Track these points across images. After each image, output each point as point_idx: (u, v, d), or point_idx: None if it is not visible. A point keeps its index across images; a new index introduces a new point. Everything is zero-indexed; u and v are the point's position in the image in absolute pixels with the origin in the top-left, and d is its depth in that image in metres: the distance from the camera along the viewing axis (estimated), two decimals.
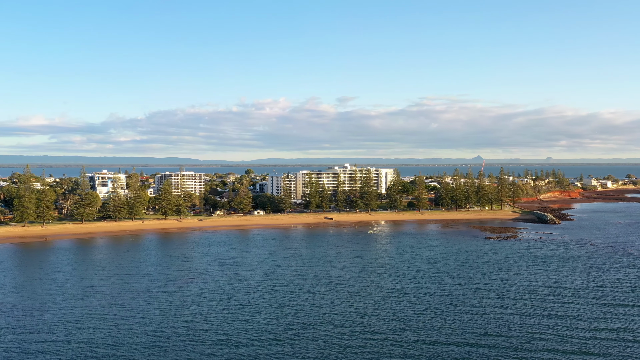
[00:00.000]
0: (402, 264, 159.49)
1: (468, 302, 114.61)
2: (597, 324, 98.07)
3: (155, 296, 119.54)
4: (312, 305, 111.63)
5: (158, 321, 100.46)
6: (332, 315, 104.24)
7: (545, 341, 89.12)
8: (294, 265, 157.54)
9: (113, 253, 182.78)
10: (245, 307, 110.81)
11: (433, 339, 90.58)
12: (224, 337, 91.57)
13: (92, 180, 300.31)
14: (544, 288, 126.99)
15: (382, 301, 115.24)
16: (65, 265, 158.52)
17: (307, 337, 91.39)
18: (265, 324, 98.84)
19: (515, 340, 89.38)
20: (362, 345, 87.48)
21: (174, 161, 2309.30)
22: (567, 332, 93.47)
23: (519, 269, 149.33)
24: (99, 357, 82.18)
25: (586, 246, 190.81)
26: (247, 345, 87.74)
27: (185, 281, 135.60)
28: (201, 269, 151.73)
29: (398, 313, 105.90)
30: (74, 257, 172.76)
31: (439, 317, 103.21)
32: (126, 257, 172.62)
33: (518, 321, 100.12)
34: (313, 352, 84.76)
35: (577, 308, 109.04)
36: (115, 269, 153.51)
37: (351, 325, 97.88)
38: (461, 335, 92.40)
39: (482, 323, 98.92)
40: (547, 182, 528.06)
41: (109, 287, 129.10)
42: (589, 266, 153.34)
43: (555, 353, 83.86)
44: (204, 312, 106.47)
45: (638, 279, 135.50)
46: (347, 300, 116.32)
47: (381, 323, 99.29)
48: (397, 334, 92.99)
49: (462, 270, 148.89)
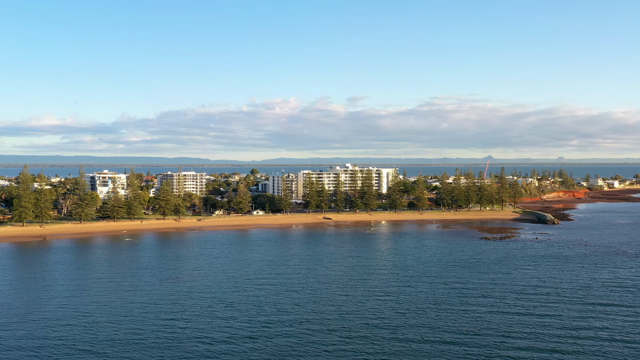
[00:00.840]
0: (393, 264, 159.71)
1: (451, 301, 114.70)
2: (575, 323, 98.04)
3: (140, 295, 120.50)
4: (294, 305, 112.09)
5: (138, 320, 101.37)
6: (312, 314, 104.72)
7: (520, 340, 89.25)
8: (284, 265, 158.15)
9: (106, 253, 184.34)
10: (228, 306, 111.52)
11: (408, 337, 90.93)
12: (201, 334, 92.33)
13: (93, 180, 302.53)
14: (530, 288, 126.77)
15: (365, 301, 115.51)
16: (56, 265, 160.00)
17: (283, 335, 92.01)
18: (244, 322, 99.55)
19: (490, 339, 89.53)
20: (336, 343, 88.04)
21: (185, 161, 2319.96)
22: (544, 331, 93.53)
23: (508, 269, 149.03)
24: (75, 354, 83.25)
25: (581, 246, 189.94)
26: (222, 342, 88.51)
27: (173, 280, 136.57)
28: (191, 269, 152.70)
29: (378, 312, 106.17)
30: (67, 257, 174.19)
31: (419, 316, 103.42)
32: (119, 257, 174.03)
33: (497, 320, 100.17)
34: (286, 349, 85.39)
35: (558, 307, 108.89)
36: (105, 268, 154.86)
37: (329, 324, 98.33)
38: (437, 333, 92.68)
39: (461, 322, 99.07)
40: (551, 182, 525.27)
41: (96, 286, 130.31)
42: (580, 266, 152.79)
43: (528, 351, 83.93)
44: (186, 311, 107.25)
45: (626, 279, 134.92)
46: (330, 299, 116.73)
47: (360, 322, 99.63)
48: (373, 333, 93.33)
49: (451, 270, 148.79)
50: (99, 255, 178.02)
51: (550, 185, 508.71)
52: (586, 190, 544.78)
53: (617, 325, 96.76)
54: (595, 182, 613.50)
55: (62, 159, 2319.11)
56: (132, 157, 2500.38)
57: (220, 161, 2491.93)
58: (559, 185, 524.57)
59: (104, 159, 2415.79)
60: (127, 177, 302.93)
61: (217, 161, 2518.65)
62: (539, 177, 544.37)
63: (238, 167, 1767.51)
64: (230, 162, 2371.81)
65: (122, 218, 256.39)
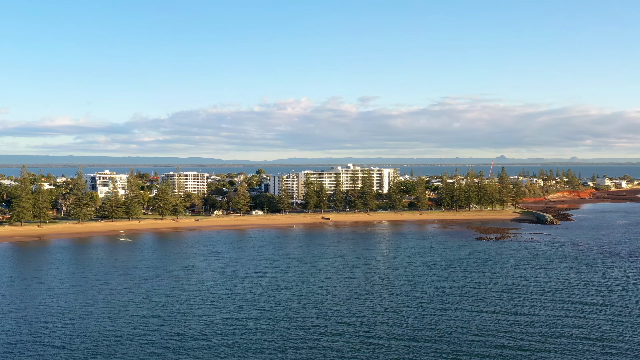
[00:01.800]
0: (382, 264, 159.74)
1: (432, 301, 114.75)
2: (551, 322, 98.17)
3: (123, 294, 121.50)
4: (274, 304, 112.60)
5: (116, 317, 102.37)
6: (289, 313, 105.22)
7: (492, 338, 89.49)
8: (273, 264, 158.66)
9: (99, 252, 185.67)
10: (208, 304, 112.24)
11: (380, 335, 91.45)
12: (175, 332, 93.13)
13: (94, 180, 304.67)
14: (514, 287, 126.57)
15: (346, 300, 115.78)
16: (47, 264, 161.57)
17: (258, 333, 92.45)
18: (221, 321, 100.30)
19: (462, 337, 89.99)
20: (307, 341, 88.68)
21: (197, 161, 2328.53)
22: (517, 330, 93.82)
23: (497, 269, 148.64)
24: (46, 349, 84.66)
25: (575, 247, 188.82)
26: (195, 339, 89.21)
27: (159, 280, 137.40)
28: (179, 268, 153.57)
29: (356, 311, 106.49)
30: (59, 256, 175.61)
31: (397, 315, 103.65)
32: (110, 256, 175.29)
33: (473, 319, 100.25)
34: (257, 346, 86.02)
35: (538, 307, 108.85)
36: (95, 267, 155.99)
37: (304, 322, 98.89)
38: (410, 332, 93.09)
39: (437, 321, 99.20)
40: (556, 182, 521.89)
41: (81, 285, 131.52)
42: (569, 266, 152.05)
43: (497, 349, 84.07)
44: (166, 310, 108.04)
45: (612, 279, 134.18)
46: (311, 298, 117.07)
47: (336, 320, 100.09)
48: (347, 331, 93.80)
49: (439, 270, 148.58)
50: (91, 255, 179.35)
51: (554, 186, 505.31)
52: (592, 191, 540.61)
53: (593, 324, 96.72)
54: (603, 182, 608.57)
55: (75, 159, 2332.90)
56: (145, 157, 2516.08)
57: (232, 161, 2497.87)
58: (565, 185, 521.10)
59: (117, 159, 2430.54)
60: (128, 177, 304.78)
61: (229, 161, 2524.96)
62: (544, 177, 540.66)
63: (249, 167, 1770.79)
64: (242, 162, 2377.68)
65: (120, 218, 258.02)
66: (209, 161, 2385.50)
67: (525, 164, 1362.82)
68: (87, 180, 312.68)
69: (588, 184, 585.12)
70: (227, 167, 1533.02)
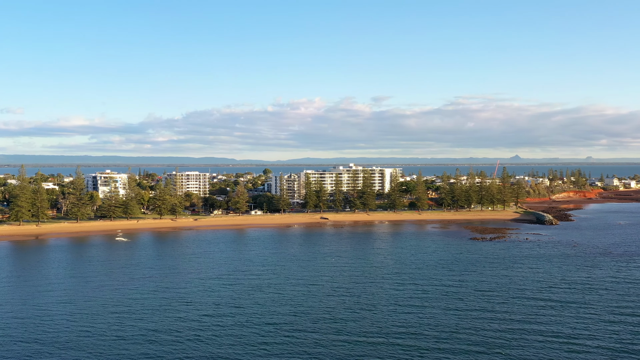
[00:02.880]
0: (369, 263, 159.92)
1: (411, 299, 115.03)
2: (524, 320, 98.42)
3: (104, 293, 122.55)
4: (253, 303, 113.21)
5: (93, 315, 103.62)
6: (265, 311, 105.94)
7: (461, 336, 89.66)
8: (261, 264, 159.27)
9: (91, 251, 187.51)
10: (188, 304, 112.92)
11: (352, 334, 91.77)
12: (149, 332, 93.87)
13: (95, 180, 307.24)
14: (497, 287, 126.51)
15: (325, 299, 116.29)
16: (37, 263, 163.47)
17: (230, 334, 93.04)
18: (196, 317, 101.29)
19: (432, 334, 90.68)
20: (276, 338, 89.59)
21: (211, 161, 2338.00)
22: (489, 327, 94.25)
23: (484, 269, 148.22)
24: (18, 345, 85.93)
25: (568, 247, 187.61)
26: (166, 337, 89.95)
27: (144, 278, 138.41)
28: (166, 267, 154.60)
29: (332, 310, 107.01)
30: (52, 255, 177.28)
31: (371, 313, 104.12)
32: (101, 255, 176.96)
33: (447, 317, 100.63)
34: (226, 342, 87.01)
35: (515, 305, 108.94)
36: (83, 266, 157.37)
37: (278, 321, 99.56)
38: (381, 330, 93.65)
39: (410, 319, 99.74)
40: (562, 182, 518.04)
41: (65, 284, 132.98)
42: (557, 267, 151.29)
43: (465, 345, 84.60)
44: (144, 308, 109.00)
45: (597, 279, 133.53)
46: (291, 297, 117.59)
47: (309, 318, 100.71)
48: (319, 329, 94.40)
49: (426, 269, 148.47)
50: (82, 254, 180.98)
51: (560, 186, 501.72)
52: (600, 191, 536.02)
53: (565, 322, 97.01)
54: (611, 182, 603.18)
55: (90, 159, 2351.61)
56: (159, 157, 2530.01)
57: (245, 161, 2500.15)
58: (571, 186, 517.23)
59: (131, 159, 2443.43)
60: (129, 176, 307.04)
61: (243, 161, 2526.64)
62: (550, 177, 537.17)
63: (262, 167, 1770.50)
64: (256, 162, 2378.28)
65: (118, 217, 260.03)
66: (223, 161, 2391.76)
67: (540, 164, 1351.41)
68: (89, 180, 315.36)
69: (596, 184, 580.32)
70: (240, 167, 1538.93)
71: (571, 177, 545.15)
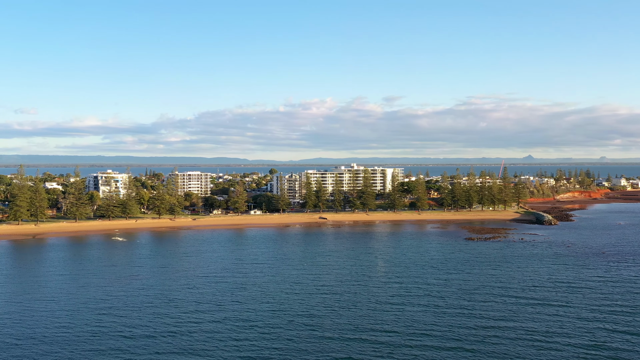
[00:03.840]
0: (359, 262, 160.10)
1: (392, 299, 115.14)
2: (501, 318, 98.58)
3: (89, 291, 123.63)
4: (233, 301, 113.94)
5: (73, 313, 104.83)
6: (245, 310, 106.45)
7: (436, 333, 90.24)
8: (250, 263, 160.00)
9: (85, 250, 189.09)
10: (169, 302, 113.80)
11: (326, 333, 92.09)
12: (125, 328, 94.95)
13: (96, 179, 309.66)
14: (481, 286, 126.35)
15: (306, 298, 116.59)
16: (29, 262, 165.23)
17: (205, 330, 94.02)
18: (175, 316, 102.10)
19: (405, 332, 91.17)
20: (250, 336, 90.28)
21: (223, 161, 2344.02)
22: (464, 326, 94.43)
23: (472, 269, 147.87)
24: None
25: (562, 247, 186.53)
26: (143, 336, 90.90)
27: (130, 278, 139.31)
28: (155, 266, 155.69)
29: (311, 308, 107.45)
30: (43, 254, 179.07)
31: (349, 313, 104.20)
32: (94, 255, 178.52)
33: (425, 316, 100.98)
34: (197, 343, 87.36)
35: (494, 304, 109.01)
36: (74, 265, 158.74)
37: (254, 319, 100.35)
38: (356, 328, 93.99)
39: (387, 318, 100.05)
40: (567, 182, 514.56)
41: (53, 282, 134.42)
42: (547, 266, 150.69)
43: (436, 341, 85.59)
44: (126, 306, 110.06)
45: (583, 280, 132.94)
46: (273, 296, 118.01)
47: (286, 317, 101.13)
48: (295, 328, 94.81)
49: (414, 270, 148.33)
50: (76, 253, 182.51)
51: (565, 186, 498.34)
52: (607, 191, 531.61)
53: (541, 320, 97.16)
54: (618, 182, 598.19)
55: (103, 159, 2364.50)
56: (172, 157, 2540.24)
57: (258, 161, 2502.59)
58: (577, 186, 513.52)
59: (144, 159, 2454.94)
60: (129, 176, 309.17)
61: (255, 161, 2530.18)
62: (556, 178, 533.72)
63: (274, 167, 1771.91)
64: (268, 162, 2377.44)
65: (117, 217, 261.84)
66: (235, 161, 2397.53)
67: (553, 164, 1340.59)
68: (90, 179, 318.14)
69: (603, 184, 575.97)
70: (251, 167, 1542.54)
71: (578, 177, 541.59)
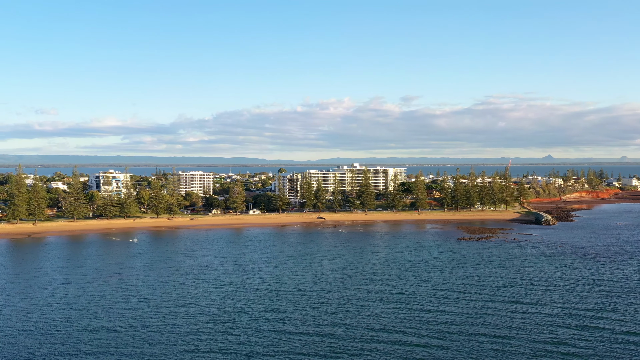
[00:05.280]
0: (342, 262, 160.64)
1: (364, 298, 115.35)
2: (465, 318, 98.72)
3: (66, 289, 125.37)
4: (207, 299, 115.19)
5: (45, 310, 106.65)
6: (214, 308, 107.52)
7: (398, 334, 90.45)
8: (234, 262, 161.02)
9: (75, 249, 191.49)
10: (142, 299, 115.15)
11: (287, 329, 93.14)
12: (91, 324, 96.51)
13: (98, 179, 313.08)
14: (456, 286, 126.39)
15: (280, 297, 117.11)
16: (14, 260, 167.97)
17: (169, 325, 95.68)
18: (145, 314, 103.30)
19: (367, 332, 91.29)
20: (213, 333, 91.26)
21: (241, 161, 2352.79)
22: (428, 325, 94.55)
23: (453, 269, 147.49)
24: None
25: (553, 247, 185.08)
26: (105, 330, 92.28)
27: (111, 276, 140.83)
28: (139, 265, 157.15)
29: (281, 307, 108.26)
30: (33, 253, 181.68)
31: (315, 311, 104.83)
32: (82, 253, 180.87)
33: (392, 316, 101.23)
34: (158, 341, 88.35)
35: (463, 305, 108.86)
36: (58, 263, 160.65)
37: (222, 317, 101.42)
38: (319, 327, 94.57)
39: (353, 318, 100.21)
40: (574, 182, 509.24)
41: (34, 279, 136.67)
42: (529, 267, 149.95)
43: (398, 336, 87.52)
44: (98, 303, 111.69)
45: (562, 279, 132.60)
46: (246, 295, 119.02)
47: (254, 315, 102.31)
48: (257, 325, 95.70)
49: (396, 269, 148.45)
50: (65, 252, 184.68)
51: (573, 186, 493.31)
52: (616, 191, 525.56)
53: (504, 320, 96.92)
54: (630, 182, 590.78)
55: (122, 159, 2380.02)
56: (190, 157, 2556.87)
57: (275, 161, 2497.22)
58: (585, 185, 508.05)
59: (163, 159, 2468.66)
60: (131, 176, 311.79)
61: (273, 161, 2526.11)
62: (564, 177, 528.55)
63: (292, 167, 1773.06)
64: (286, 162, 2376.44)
65: (115, 216, 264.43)
66: (253, 161, 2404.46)
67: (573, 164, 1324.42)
68: (92, 179, 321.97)
69: (614, 184, 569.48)
70: (269, 167, 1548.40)
71: (590, 176, 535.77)
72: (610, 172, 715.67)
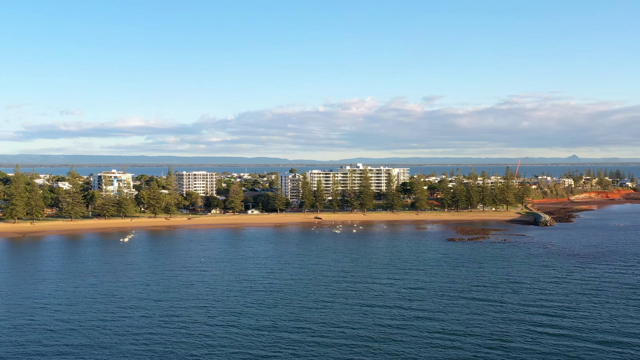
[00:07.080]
0: (322, 261, 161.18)
1: (332, 297, 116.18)
2: (423, 318, 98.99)
3: (40, 286, 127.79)
4: (173, 298, 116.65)
5: (12, 307, 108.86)
6: (177, 307, 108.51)
7: (351, 330, 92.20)
8: (216, 261, 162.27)
9: (65, 248, 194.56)
10: (112, 297, 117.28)
11: (243, 330, 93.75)
12: (53, 321, 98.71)
13: (100, 179, 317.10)
14: (427, 286, 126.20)
15: (248, 295, 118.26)
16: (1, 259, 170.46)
17: (130, 325, 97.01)
18: (105, 313, 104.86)
19: (322, 329, 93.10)
20: (171, 331, 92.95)
21: (264, 161, 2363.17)
22: (383, 325, 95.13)
23: (430, 269, 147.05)
24: None
25: (540, 248, 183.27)
26: (66, 327, 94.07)
27: (88, 274, 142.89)
28: (120, 263, 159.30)
29: (248, 305, 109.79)
30: (22, 252, 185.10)
31: (276, 311, 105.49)
32: (70, 252, 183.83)
33: (352, 313, 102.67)
34: (114, 337, 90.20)
35: (427, 304, 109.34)
36: (40, 262, 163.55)
37: (184, 315, 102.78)
38: (276, 324, 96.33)
39: (312, 316, 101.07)
40: (583, 182, 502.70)
41: (13, 277, 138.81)
42: (508, 268, 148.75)
43: (349, 331, 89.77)
44: (67, 301, 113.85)
45: (536, 280, 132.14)
46: (215, 294, 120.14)
47: (211, 314, 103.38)
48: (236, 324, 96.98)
49: (374, 269, 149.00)
50: (55, 251, 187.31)
51: (582, 186, 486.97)
52: (629, 191, 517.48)
53: (461, 320, 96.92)
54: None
55: (146, 159, 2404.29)
56: (213, 157, 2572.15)
57: (298, 161, 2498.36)
58: (595, 186, 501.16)
59: (186, 159, 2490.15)
60: (133, 176, 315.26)
61: (295, 161, 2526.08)
62: (574, 178, 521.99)
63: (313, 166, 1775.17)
64: (308, 162, 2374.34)
65: (113, 216, 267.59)
66: (275, 161, 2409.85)
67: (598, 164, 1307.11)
68: (95, 179, 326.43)
69: (627, 184, 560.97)
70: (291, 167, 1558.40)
71: (600, 176, 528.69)
72: (629, 172, 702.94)
